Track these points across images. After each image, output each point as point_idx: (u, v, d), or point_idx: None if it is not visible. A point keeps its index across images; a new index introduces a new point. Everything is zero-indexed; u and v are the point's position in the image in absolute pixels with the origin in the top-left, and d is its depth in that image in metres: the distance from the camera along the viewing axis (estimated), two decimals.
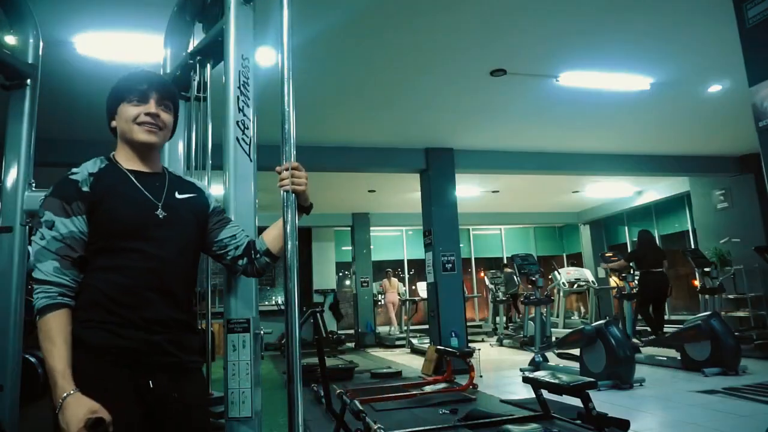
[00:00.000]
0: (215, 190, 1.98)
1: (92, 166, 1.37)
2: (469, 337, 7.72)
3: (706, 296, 7.12)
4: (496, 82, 5.06)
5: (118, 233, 1.30)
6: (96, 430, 1.14)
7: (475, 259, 13.44)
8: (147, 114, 1.38)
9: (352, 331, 11.56)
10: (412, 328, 10.72)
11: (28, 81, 2.40)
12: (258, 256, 1.55)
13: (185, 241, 1.40)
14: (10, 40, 2.62)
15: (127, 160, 1.42)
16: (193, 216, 1.46)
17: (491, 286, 11.09)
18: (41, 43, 2.57)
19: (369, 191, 9.60)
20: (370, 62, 4.63)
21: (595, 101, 5.69)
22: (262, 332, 1.68)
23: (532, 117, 6.21)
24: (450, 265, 6.94)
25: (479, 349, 6.14)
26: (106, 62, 4.24)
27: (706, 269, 7.13)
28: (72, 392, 1.16)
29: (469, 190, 9.53)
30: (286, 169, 1.49)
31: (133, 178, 1.38)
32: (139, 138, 1.39)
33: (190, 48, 2.32)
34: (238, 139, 1.78)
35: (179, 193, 1.46)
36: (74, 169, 1.34)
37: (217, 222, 1.53)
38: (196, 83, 2.22)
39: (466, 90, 5.32)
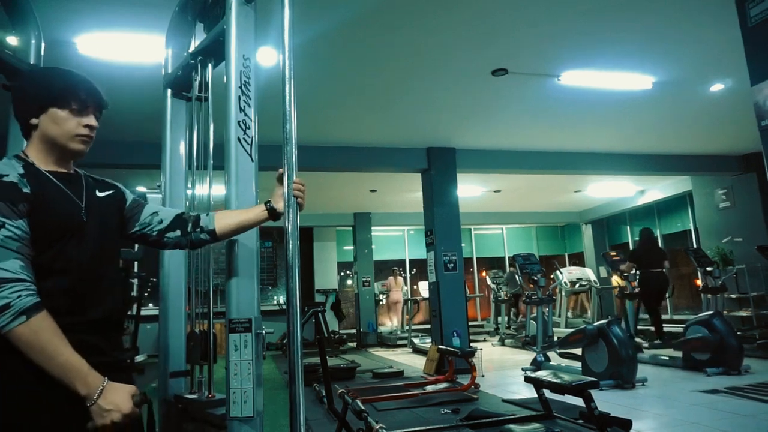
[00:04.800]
0: (217, 190, 1.98)
1: (12, 168, 1.27)
2: (471, 337, 7.72)
3: (709, 296, 7.10)
4: (498, 81, 5.06)
5: (51, 236, 1.26)
6: (140, 407, 1.21)
7: (477, 258, 13.43)
8: (86, 126, 1.37)
9: (353, 331, 11.56)
10: (413, 327, 10.72)
11: None
12: (198, 230, 1.58)
13: (108, 238, 1.41)
14: (12, 40, 2.63)
15: (43, 161, 1.35)
16: (115, 211, 1.48)
17: (493, 286, 11.08)
18: (43, 44, 2.57)
19: (370, 191, 9.59)
20: (372, 62, 4.63)
21: (597, 100, 5.69)
22: (263, 332, 1.68)
23: (534, 116, 6.20)
24: (452, 264, 6.93)
25: (481, 349, 6.14)
26: (108, 62, 4.24)
27: (709, 268, 7.11)
28: (106, 379, 1.18)
29: (470, 189, 9.52)
30: (298, 183, 1.61)
31: (56, 180, 1.35)
32: (74, 148, 1.37)
33: (192, 48, 2.32)
34: (239, 139, 1.78)
35: (99, 192, 1.46)
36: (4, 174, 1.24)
37: (135, 209, 1.54)
38: (197, 83, 2.23)
39: (467, 90, 5.32)
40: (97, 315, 1.30)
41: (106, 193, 1.46)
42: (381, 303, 11.81)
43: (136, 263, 9.50)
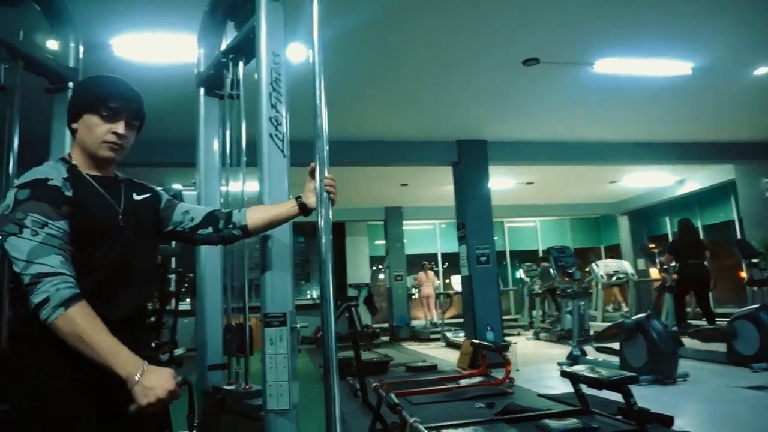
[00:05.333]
0: (250, 186, 2.01)
1: (57, 171, 1.33)
2: (505, 331, 7.64)
3: (754, 288, 6.84)
4: (529, 71, 4.96)
5: (87, 239, 1.31)
6: (181, 387, 1.24)
7: (510, 251, 13.27)
8: (114, 133, 1.38)
9: (386, 325, 11.59)
10: (446, 321, 10.69)
11: (70, 84, 2.48)
12: (230, 227, 1.62)
13: (143, 240, 1.45)
14: (52, 44, 2.72)
15: (84, 165, 1.41)
16: (151, 213, 1.53)
17: (527, 279, 10.94)
18: (81, 47, 2.65)
19: (401, 185, 9.58)
20: (401, 55, 4.61)
21: (634, 88, 5.52)
22: (298, 326, 1.70)
23: (567, 106, 6.07)
24: (484, 258, 6.87)
25: (515, 343, 6.07)
26: (143, 63, 4.34)
27: (754, 260, 6.84)
28: (146, 362, 1.21)
29: (502, 182, 9.40)
30: (329, 179, 1.62)
31: (96, 184, 1.40)
32: (102, 155, 1.40)
33: (223, 47, 2.35)
34: (271, 136, 1.80)
35: (137, 195, 1.50)
36: (42, 173, 1.30)
37: (169, 208, 1.59)
38: (229, 81, 2.26)
39: (497, 81, 5.24)
40: (123, 314, 1.33)
41: (144, 196, 1.51)
42: (413, 297, 11.81)
43: (173, 259, 9.77)
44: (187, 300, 9.72)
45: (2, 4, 2.28)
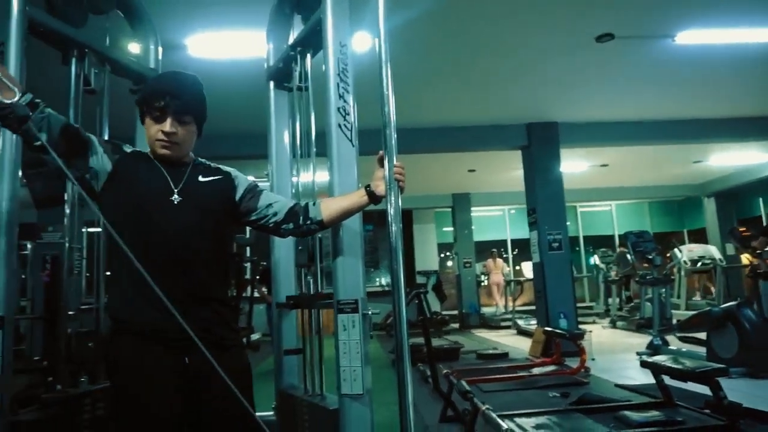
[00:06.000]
0: (320, 176, 2.04)
1: (136, 149, 1.57)
2: (579, 319, 7.40)
3: None
4: (603, 48, 4.72)
5: (130, 212, 1.43)
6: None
7: (584, 237, 12.79)
8: (163, 132, 1.46)
9: (455, 312, 11.54)
10: (517, 308, 10.50)
11: None
12: (308, 222, 1.64)
13: (203, 221, 1.48)
14: (134, 48, 2.88)
15: (157, 156, 1.53)
16: (218, 194, 1.55)
17: (602, 266, 10.52)
18: (160, 49, 2.80)
19: (469, 171, 9.45)
20: (467, 38, 4.52)
21: (721, 58, 5.10)
22: (370, 313, 1.73)
23: (644, 83, 5.72)
24: (557, 244, 6.67)
25: (590, 331, 5.86)
26: (215, 60, 4.53)
27: None
28: None
29: (574, 165, 9.04)
30: (398, 167, 1.61)
31: (160, 165, 1.50)
32: (158, 153, 1.50)
33: (291, 40, 2.40)
34: (340, 126, 1.83)
35: (203, 177, 1.55)
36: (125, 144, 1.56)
37: (250, 196, 1.61)
38: (297, 74, 2.30)
39: (569, 60, 5.02)
40: (177, 295, 1.35)
41: (210, 178, 1.57)
42: (483, 284, 11.67)
43: (248, 248, 10.20)
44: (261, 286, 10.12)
45: (91, 12, 2.44)
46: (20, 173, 1.90)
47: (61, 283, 2.21)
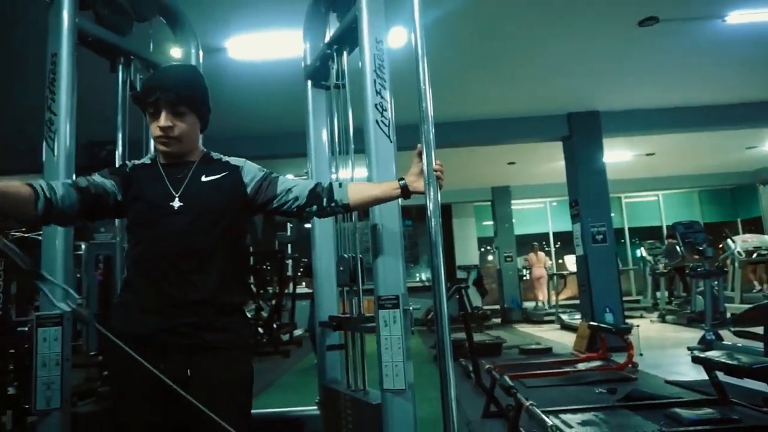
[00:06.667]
0: (359, 173, 2.06)
1: (140, 160, 1.58)
2: (626, 313, 7.19)
3: None
4: (646, 32, 4.55)
5: (137, 222, 1.47)
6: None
7: (629, 228, 12.40)
8: (159, 128, 1.44)
9: (497, 307, 11.42)
10: (560, 303, 10.29)
11: None
12: (332, 204, 1.61)
13: (206, 224, 1.46)
14: (176, 52, 2.97)
15: (161, 156, 1.54)
16: (220, 195, 1.50)
17: (649, 258, 10.18)
18: (201, 52, 2.87)
19: (508, 163, 9.31)
20: (504, 27, 4.44)
21: None
22: (411, 308, 1.73)
23: (691, 67, 5.49)
24: (601, 236, 6.50)
25: (638, 326, 5.69)
26: (254, 62, 4.61)
27: None
28: None
29: (618, 154, 8.77)
30: (437, 164, 1.59)
31: (162, 172, 1.50)
32: (160, 150, 1.50)
33: (327, 38, 2.42)
34: (377, 122, 1.83)
35: (206, 176, 1.51)
36: (127, 161, 1.59)
37: (266, 185, 1.57)
38: (334, 72, 2.32)
39: (610, 46, 4.87)
40: (174, 300, 1.39)
41: (214, 177, 1.52)
42: (524, 278, 11.50)
43: (289, 245, 10.37)
44: (303, 283, 10.29)
45: (136, 20, 2.53)
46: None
47: (113, 281, 2.30)
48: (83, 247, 5.73)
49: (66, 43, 1.96)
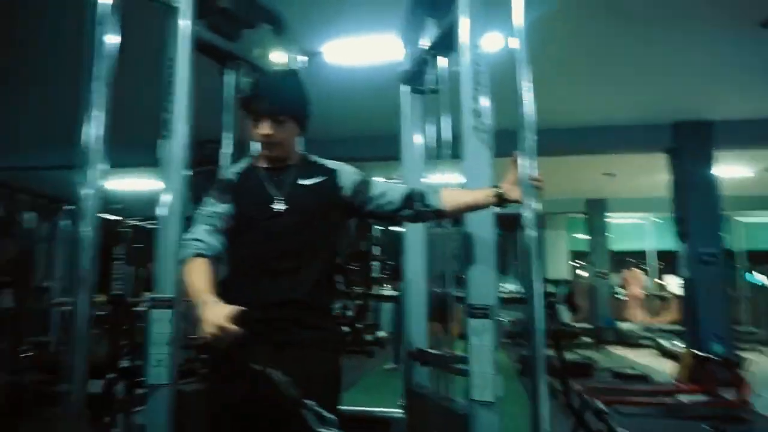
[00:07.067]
0: (453, 179, 2.03)
1: (238, 166, 1.64)
2: (739, 345, 6.55)
3: None
4: None
5: (241, 225, 1.51)
6: (239, 323, 1.24)
7: (748, 252, 11.25)
8: (262, 135, 1.51)
9: (588, 326, 10.85)
10: (660, 327, 9.58)
11: None
12: (426, 209, 1.61)
13: (304, 226, 1.51)
14: (279, 56, 3.11)
15: (261, 159, 1.59)
16: (318, 198, 1.55)
17: None
18: (304, 57, 2.99)
19: (605, 174, 8.82)
20: (605, 26, 4.20)
21: None
22: (501, 320, 1.68)
23: None
24: (711, 258, 5.97)
25: (752, 360, 5.15)
26: (349, 66, 4.73)
27: None
28: (212, 298, 1.32)
29: (734, 169, 8.01)
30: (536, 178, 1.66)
31: (263, 176, 1.56)
32: (263, 154, 1.58)
33: (423, 43, 2.42)
34: (474, 128, 1.80)
35: (305, 180, 1.56)
36: (223, 174, 1.67)
37: (362, 188, 1.60)
38: (430, 76, 2.31)
39: (726, 49, 4.49)
40: (270, 299, 1.45)
41: (312, 181, 1.57)
42: (620, 298, 10.83)
43: (378, 248, 10.49)
44: (389, 286, 10.37)
45: (244, 27, 2.68)
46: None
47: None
48: None
49: (183, 50, 2.10)
